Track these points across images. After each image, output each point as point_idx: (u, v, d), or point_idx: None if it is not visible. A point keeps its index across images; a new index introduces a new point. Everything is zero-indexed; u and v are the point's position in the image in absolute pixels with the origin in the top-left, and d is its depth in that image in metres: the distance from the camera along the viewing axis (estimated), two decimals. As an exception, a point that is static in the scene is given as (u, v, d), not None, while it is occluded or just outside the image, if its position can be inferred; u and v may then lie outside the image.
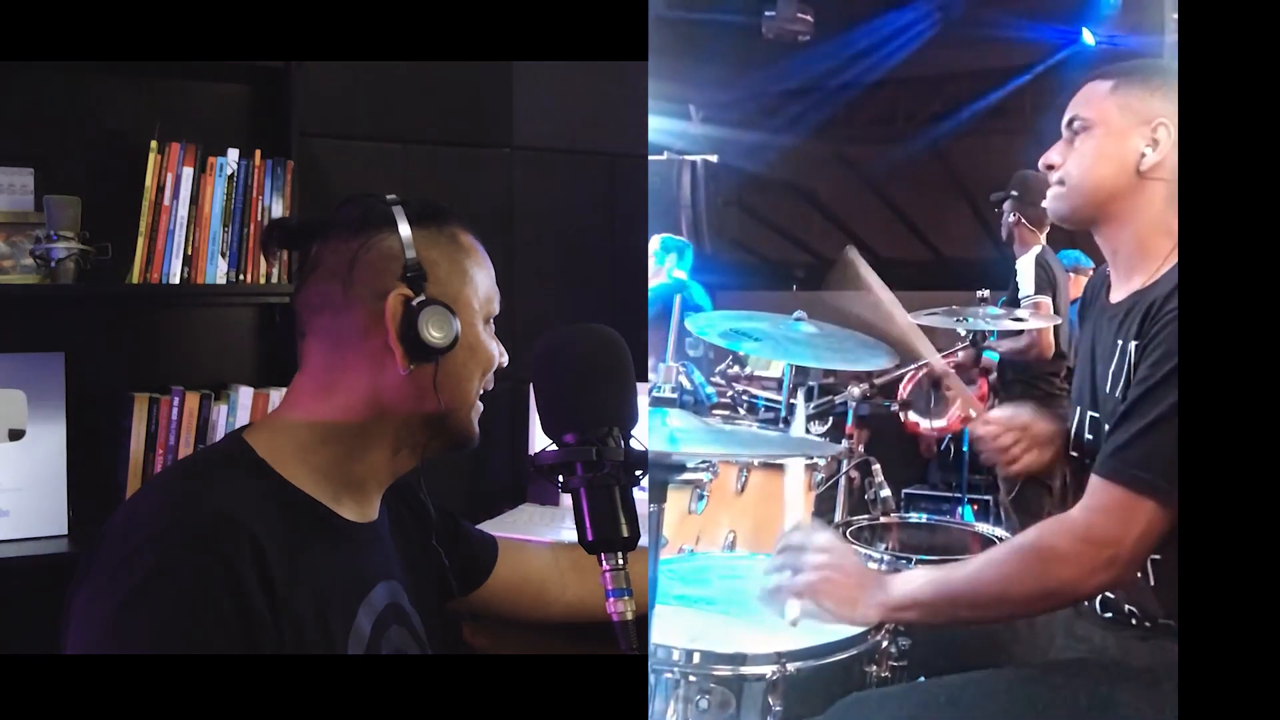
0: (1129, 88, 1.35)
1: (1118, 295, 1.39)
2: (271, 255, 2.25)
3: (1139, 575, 1.33)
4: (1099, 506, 1.24)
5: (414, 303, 1.11)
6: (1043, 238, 3.46)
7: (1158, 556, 1.31)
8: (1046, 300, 3.32)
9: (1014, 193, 3.49)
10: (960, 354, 3.38)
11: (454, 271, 1.17)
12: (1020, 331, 3.29)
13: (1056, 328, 3.32)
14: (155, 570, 0.95)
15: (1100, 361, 1.39)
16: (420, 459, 1.19)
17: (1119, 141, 1.33)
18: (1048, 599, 1.30)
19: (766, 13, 4.18)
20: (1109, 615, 1.39)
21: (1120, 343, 1.33)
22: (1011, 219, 3.51)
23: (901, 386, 3.38)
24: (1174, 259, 1.30)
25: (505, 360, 1.24)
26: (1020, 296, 3.39)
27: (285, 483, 1.10)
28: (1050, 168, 1.40)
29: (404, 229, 1.13)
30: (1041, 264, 3.40)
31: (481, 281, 1.20)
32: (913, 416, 3.44)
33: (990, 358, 3.43)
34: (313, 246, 1.18)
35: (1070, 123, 1.39)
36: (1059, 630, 1.48)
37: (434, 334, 1.10)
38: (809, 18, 3.95)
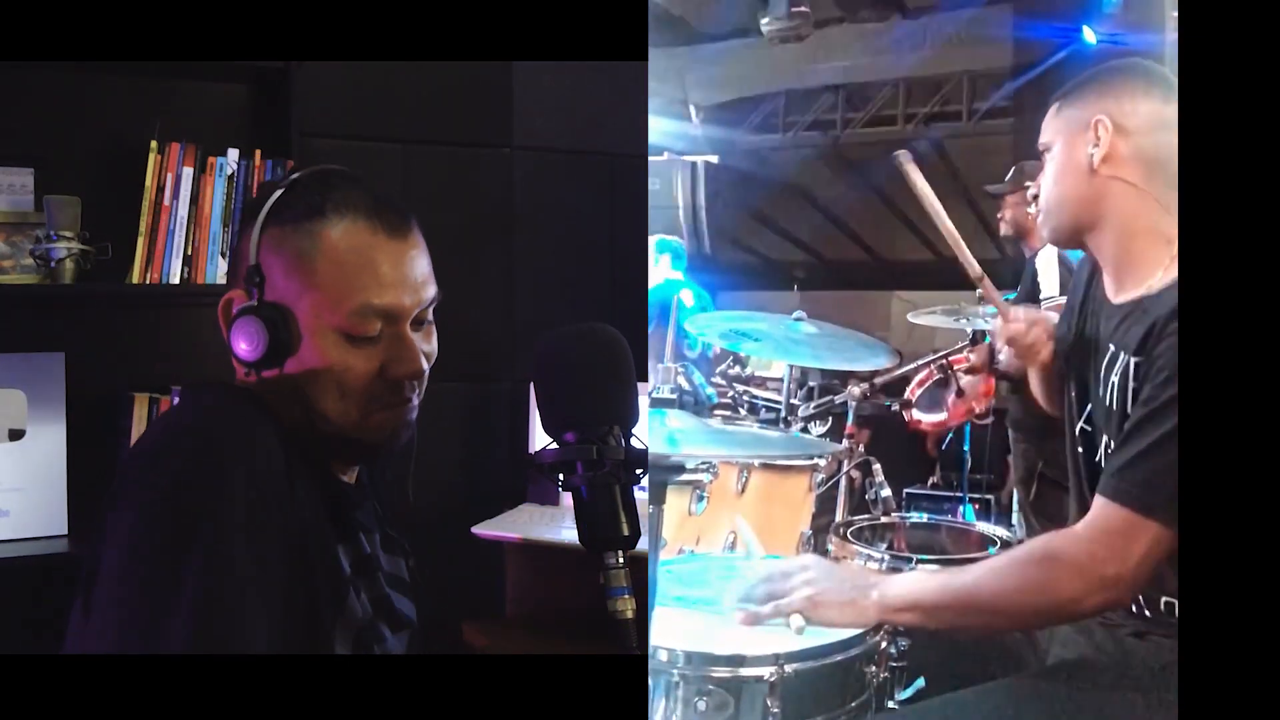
0: (1068, 103, 1.42)
1: (1118, 296, 1.40)
2: None
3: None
4: (1102, 526, 1.25)
5: (234, 310, 1.09)
6: None
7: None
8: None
9: (1029, 182, 3.24)
10: (973, 355, 3.33)
11: (297, 273, 1.08)
12: None
13: None
14: (191, 454, 0.97)
15: (1099, 361, 1.39)
16: (336, 472, 1.15)
17: (1071, 153, 1.39)
18: (1048, 614, 1.32)
19: (763, 19, 4.18)
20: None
21: (1114, 349, 1.34)
22: (1031, 210, 3.25)
23: (909, 390, 3.36)
24: (1174, 267, 1.30)
25: (420, 365, 1.12)
26: (1043, 298, 3.18)
27: (276, 421, 1.08)
28: (1036, 196, 1.45)
29: (256, 223, 1.09)
30: (1063, 262, 3.20)
31: (342, 286, 1.07)
32: (915, 414, 3.42)
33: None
34: None
35: (1039, 148, 1.46)
36: (1062, 628, 1.48)
37: (241, 344, 1.09)
38: (805, 9, 3.93)
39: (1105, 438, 1.37)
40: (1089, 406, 1.43)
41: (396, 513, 1.29)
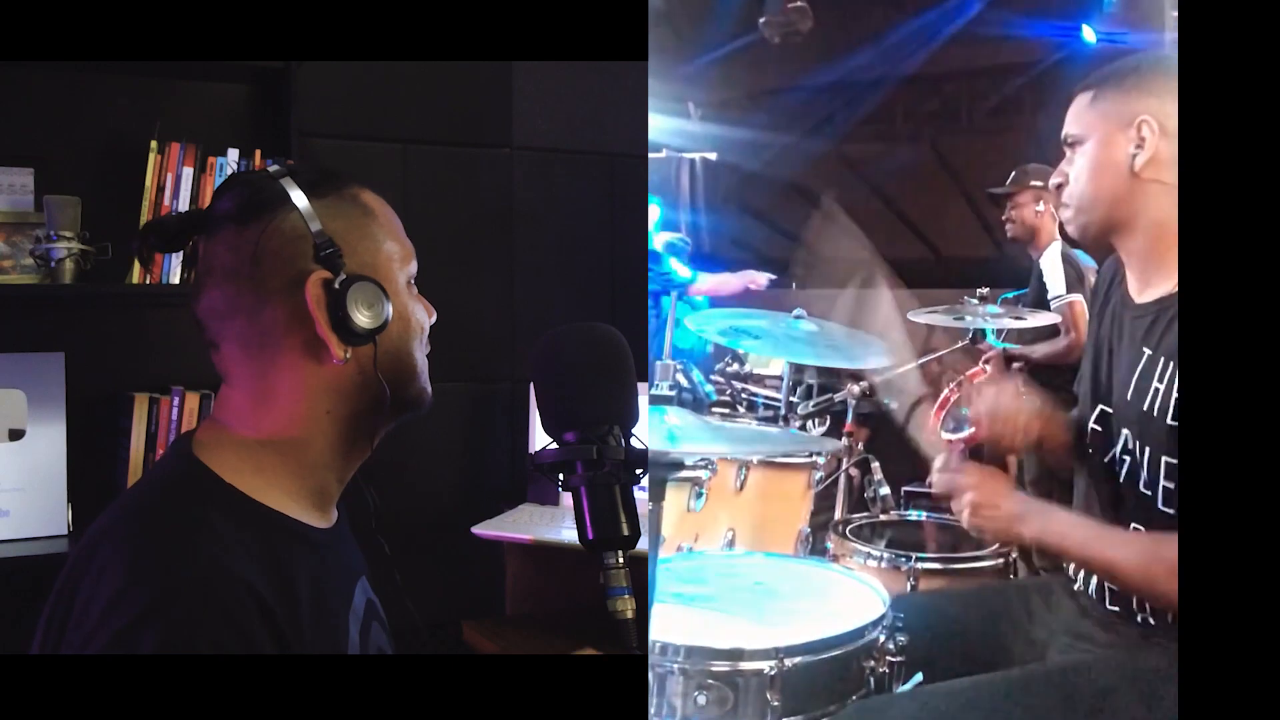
0: (1105, 94, 1.37)
1: (1143, 296, 1.38)
2: (147, 260, 2.15)
3: None
4: (1164, 557, 1.24)
5: (336, 284, 1.01)
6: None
7: None
8: (1080, 299, 3.14)
9: (1035, 182, 3.26)
10: (989, 365, 3.31)
11: (366, 238, 1.07)
12: (1055, 333, 3.18)
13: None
14: (158, 651, 0.88)
15: (1120, 361, 1.39)
16: (376, 442, 1.12)
17: (1109, 150, 1.35)
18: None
19: (761, 19, 4.17)
20: (1115, 609, 1.40)
21: (1149, 351, 1.32)
22: (1039, 208, 3.28)
23: (934, 412, 3.34)
24: None
25: (434, 318, 1.13)
26: (1051, 297, 3.22)
27: (256, 504, 1.03)
28: (1060, 186, 1.42)
29: (301, 201, 1.03)
30: (1068, 260, 3.23)
31: (393, 244, 1.09)
32: (944, 434, 3.41)
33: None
34: (198, 245, 1.07)
35: (1066, 139, 1.41)
36: (1060, 629, 1.48)
37: (365, 314, 1.02)
38: (801, 3, 3.92)
39: (1125, 435, 1.36)
40: (1099, 407, 1.42)
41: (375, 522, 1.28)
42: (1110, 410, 1.40)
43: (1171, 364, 1.29)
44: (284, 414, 1.05)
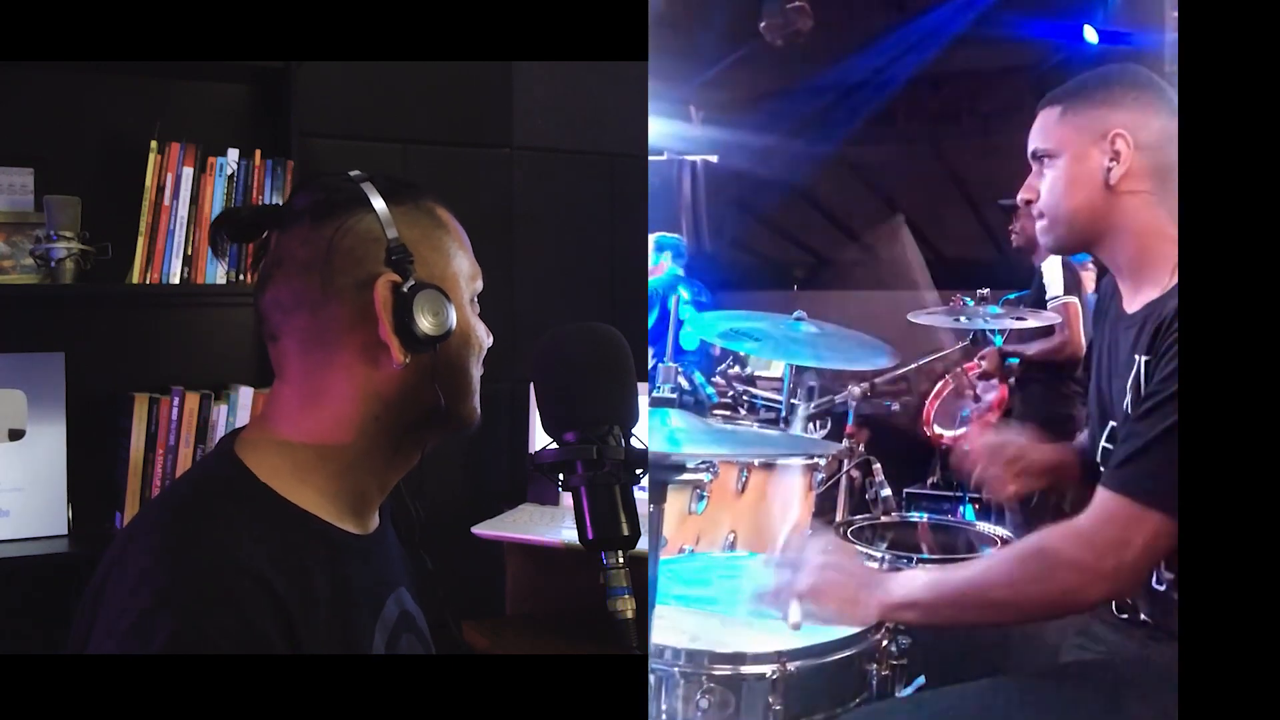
0: (1076, 108, 1.37)
1: (1132, 305, 1.38)
2: (221, 250, 2.19)
3: (1160, 590, 1.33)
4: (1104, 517, 1.24)
5: (404, 288, 1.02)
6: None
7: (1171, 575, 1.31)
8: (1075, 300, 3.33)
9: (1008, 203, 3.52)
10: (985, 361, 3.40)
11: (437, 250, 1.08)
12: (1051, 332, 3.32)
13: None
14: (172, 637, 0.89)
15: (1117, 375, 1.39)
16: (421, 454, 1.11)
17: (1082, 164, 1.35)
18: (1049, 606, 1.30)
19: (762, 23, 4.17)
20: (1124, 617, 1.39)
21: (1138, 357, 1.32)
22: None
23: (928, 404, 3.42)
24: None
25: (490, 340, 1.15)
26: (1048, 298, 3.39)
27: (288, 504, 1.03)
28: (1029, 202, 1.42)
29: (380, 206, 1.05)
30: (1067, 265, 3.41)
31: (463, 259, 1.11)
32: (938, 429, 3.48)
33: (1010, 361, 3.45)
34: (270, 239, 1.08)
35: (1034, 154, 1.41)
36: (1071, 631, 1.47)
37: (430, 321, 1.02)
38: (800, 3, 3.92)
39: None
40: (1110, 425, 1.42)
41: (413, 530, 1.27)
42: (1118, 424, 1.39)
43: (1141, 358, 1.29)
44: (332, 415, 1.05)
